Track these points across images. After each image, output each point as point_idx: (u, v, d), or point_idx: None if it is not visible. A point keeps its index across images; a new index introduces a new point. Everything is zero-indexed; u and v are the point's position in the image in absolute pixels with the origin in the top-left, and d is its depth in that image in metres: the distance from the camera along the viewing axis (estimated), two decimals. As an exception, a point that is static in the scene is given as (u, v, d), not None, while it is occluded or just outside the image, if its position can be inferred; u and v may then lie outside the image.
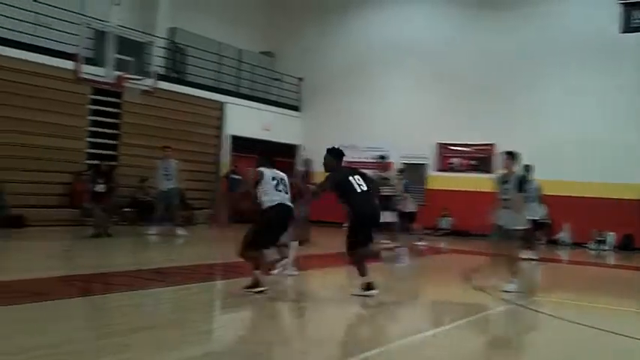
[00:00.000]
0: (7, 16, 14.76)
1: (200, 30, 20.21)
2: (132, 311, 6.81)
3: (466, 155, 20.58)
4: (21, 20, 15.09)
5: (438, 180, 20.80)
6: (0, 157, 14.36)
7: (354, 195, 7.95)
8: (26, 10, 15.24)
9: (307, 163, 14.96)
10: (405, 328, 6.70)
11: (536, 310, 7.84)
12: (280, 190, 7.87)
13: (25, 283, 7.65)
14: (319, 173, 10.68)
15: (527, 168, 12.54)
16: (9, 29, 14.83)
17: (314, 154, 22.54)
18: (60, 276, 8.43)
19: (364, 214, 7.94)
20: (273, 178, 7.88)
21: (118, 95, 16.60)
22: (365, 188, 8.06)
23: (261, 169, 7.96)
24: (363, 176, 8.39)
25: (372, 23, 22.51)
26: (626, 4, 18.56)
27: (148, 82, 15.63)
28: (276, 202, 7.71)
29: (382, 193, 12.61)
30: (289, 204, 7.90)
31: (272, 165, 8.18)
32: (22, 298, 6.74)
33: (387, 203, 12.84)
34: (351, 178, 8.17)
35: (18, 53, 14.82)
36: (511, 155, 9.33)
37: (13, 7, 14.95)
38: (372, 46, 22.13)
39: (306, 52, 23.14)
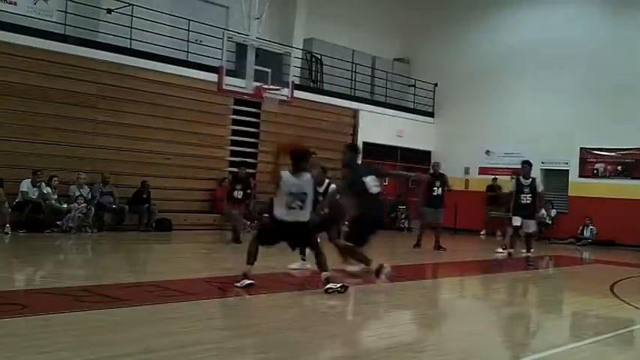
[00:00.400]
0: (157, 33, 15.87)
1: (335, 39, 20.66)
2: (265, 313, 7.11)
3: (611, 160, 19.48)
4: (168, 36, 16.17)
5: (581, 187, 19.82)
6: (150, 165, 15.45)
7: (364, 195, 7.89)
8: (173, 27, 16.31)
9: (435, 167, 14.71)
10: (540, 341, 6.50)
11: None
12: (293, 207, 7.47)
13: (177, 284, 8.20)
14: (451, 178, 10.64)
15: None
16: (158, 45, 15.93)
17: (448, 160, 22.51)
18: (203, 277, 8.94)
19: (369, 215, 7.87)
20: (291, 193, 7.45)
21: (257, 105, 17.31)
22: (378, 190, 8.04)
23: (283, 173, 7.51)
24: (378, 174, 8.43)
25: (508, 25, 21.93)
26: None
27: (285, 92, 16.19)
28: (279, 219, 7.52)
29: (522, 201, 12.25)
30: (299, 221, 7.54)
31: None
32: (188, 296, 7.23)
33: (527, 211, 12.34)
34: (365, 178, 8.23)
35: (166, 67, 15.90)
36: None
37: (164, 24, 16.05)
38: (508, 49, 21.54)
39: (440, 58, 22.93)
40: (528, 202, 12.21)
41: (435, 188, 14.40)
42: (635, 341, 7.00)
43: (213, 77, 15.94)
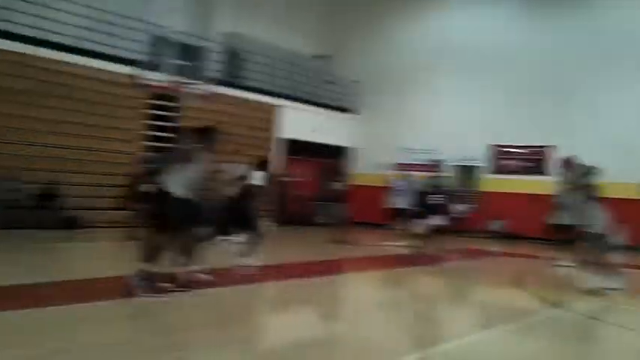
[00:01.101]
0: (68, 23, 15.33)
1: (256, 34, 20.55)
2: (188, 311, 7.03)
3: (520, 157, 20.28)
4: (81, 27, 15.66)
5: (492, 182, 20.55)
6: (59, 159, 14.92)
7: None
8: (86, 17, 15.81)
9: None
10: (450, 331, 6.71)
11: (583, 315, 7.72)
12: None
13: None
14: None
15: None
16: (69, 36, 15.39)
17: (367, 156, 22.84)
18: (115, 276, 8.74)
19: None
20: None
21: (175, 100, 17.03)
22: None
23: None
24: None
25: (427, 25, 22.42)
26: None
27: (205, 87, 15.98)
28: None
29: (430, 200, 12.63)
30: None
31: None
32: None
33: (438, 207, 12.74)
34: None
35: (78, 59, 15.39)
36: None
37: (74, 14, 15.53)
38: (427, 48, 22.04)
39: (361, 55, 23.22)
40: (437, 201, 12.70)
41: (338, 184, 14.72)
42: (538, 329, 7.33)
43: (128, 70, 15.55)
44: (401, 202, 14.66)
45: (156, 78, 14.97)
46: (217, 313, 6.86)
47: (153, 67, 15.39)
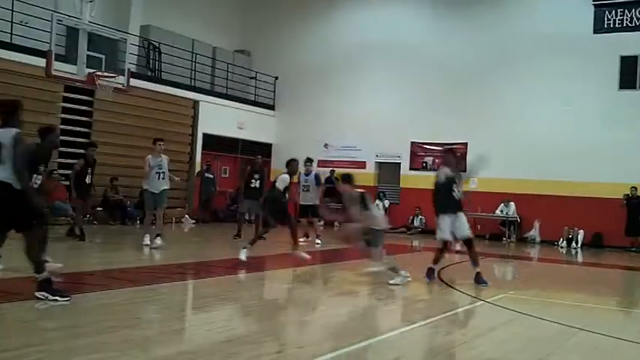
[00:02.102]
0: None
1: (174, 27, 20.15)
2: (101, 311, 6.80)
3: (439, 154, 20.72)
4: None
5: (412, 179, 20.96)
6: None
7: None
8: (-3, 7, 15.08)
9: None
10: (372, 326, 6.77)
11: (504, 307, 7.96)
12: None
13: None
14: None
15: None
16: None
17: (288, 152, 22.75)
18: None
19: None
20: None
21: (90, 93, 16.48)
22: None
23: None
24: None
25: (348, 22, 22.62)
26: (599, 5, 18.91)
27: (121, 80, 15.53)
28: None
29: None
30: None
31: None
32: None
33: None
34: None
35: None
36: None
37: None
38: (347, 45, 22.23)
39: (282, 51, 23.17)
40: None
41: (253, 181, 14.44)
42: (459, 322, 7.51)
43: (41, 62, 14.88)
44: (305, 199, 14.73)
45: (70, 71, 14.41)
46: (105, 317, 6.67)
47: (67, 59, 14.81)
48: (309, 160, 15.12)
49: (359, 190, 9.25)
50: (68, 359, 4.85)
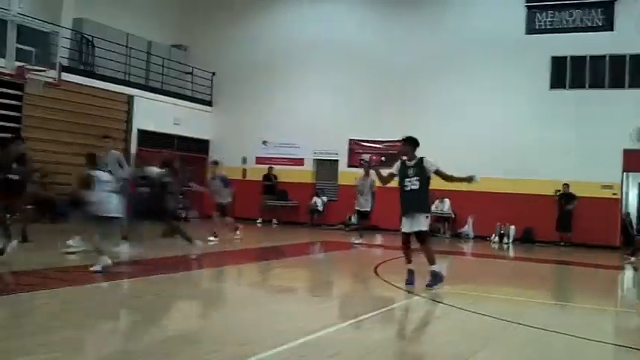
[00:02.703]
0: None
1: (108, 21, 19.66)
2: (43, 311, 6.61)
3: (376, 151, 20.97)
4: None
5: (350, 176, 21.06)
6: None
7: None
8: None
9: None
10: (311, 323, 6.80)
11: (438, 302, 8.13)
12: None
13: None
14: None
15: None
16: None
17: (225, 149, 22.68)
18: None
19: None
20: None
21: (19, 87, 15.94)
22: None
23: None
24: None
25: (286, 19, 22.59)
26: (531, 7, 19.50)
27: (52, 74, 15.09)
28: None
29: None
30: None
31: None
32: None
33: None
34: None
35: None
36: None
37: None
38: (286, 42, 22.22)
39: (219, 47, 22.96)
40: None
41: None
42: (395, 319, 7.63)
43: (-32, 55, 14.34)
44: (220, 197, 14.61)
45: (-2, 64, 13.93)
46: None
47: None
48: (214, 163, 15.79)
49: None
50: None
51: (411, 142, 9.20)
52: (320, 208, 21.30)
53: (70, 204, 17.16)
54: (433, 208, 19.61)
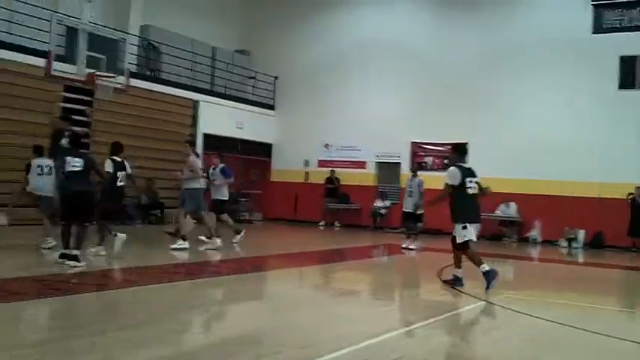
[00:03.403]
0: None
1: (174, 27, 20.11)
2: (102, 311, 6.78)
3: (439, 154, 20.71)
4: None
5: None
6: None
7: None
8: (-3, 7, 15.09)
9: None
10: (373, 327, 6.75)
11: (504, 307, 7.95)
12: None
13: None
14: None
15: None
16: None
17: (288, 152, 22.88)
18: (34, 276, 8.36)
19: None
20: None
21: (90, 93, 16.46)
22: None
23: None
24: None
25: (348, 21, 22.58)
26: (597, 6, 18.88)
27: (121, 80, 15.50)
28: None
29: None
30: None
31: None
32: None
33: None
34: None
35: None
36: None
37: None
38: (348, 45, 22.21)
39: (282, 51, 23.15)
40: None
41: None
42: (459, 323, 7.49)
43: (41, 62, 14.88)
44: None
45: (70, 71, 14.39)
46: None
47: (67, 59, 14.79)
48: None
49: None
50: (66, 359, 4.84)
51: (456, 149, 9.55)
52: (382, 211, 21.17)
53: (137, 206, 17.69)
54: (498, 211, 19.25)
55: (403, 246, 14.96)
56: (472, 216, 9.07)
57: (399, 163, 21.38)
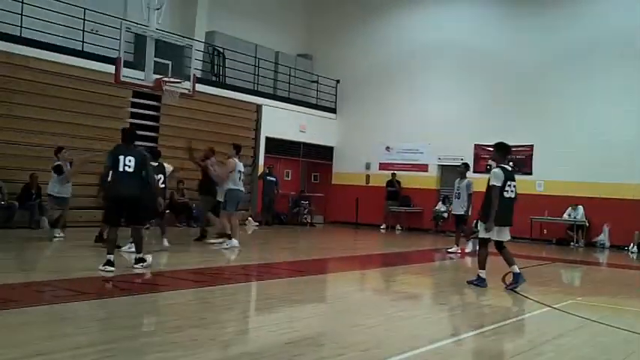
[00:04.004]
0: (53, 22, 15.22)
1: (238, 33, 20.48)
2: (168, 310, 6.96)
3: (503, 157, 20.30)
4: (65, 26, 15.54)
5: (475, 182, 20.51)
6: (42, 159, 14.71)
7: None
8: (70, 16, 15.68)
9: None
10: (435, 331, 6.70)
11: (570, 313, 7.77)
12: None
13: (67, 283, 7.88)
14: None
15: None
16: (53, 35, 15.27)
17: (349, 155, 22.92)
18: (98, 276, 8.65)
19: None
20: None
21: (157, 98, 16.91)
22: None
23: None
24: None
25: (410, 23, 22.47)
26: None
27: (187, 85, 15.85)
28: None
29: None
30: None
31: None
32: (68, 297, 6.95)
33: None
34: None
35: (60, 57, 15.26)
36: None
37: (58, 12, 15.39)
38: (409, 47, 22.11)
39: (344, 54, 23.23)
40: None
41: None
42: (524, 329, 7.36)
43: (110, 68, 15.35)
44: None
45: (138, 77, 14.83)
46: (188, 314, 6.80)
47: (135, 65, 15.25)
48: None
49: None
50: (137, 358, 4.99)
51: (499, 149, 9.52)
52: (445, 214, 20.94)
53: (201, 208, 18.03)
54: (565, 215, 18.79)
55: (467, 250, 14.78)
56: (504, 219, 9.03)
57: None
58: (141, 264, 9.05)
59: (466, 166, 14.93)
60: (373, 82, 22.56)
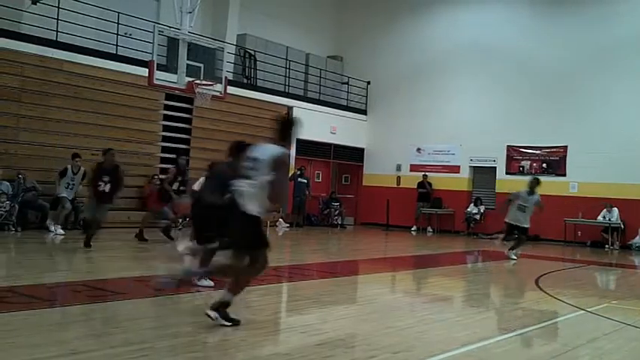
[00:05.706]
0: (87, 26, 15.49)
1: (268, 35, 20.59)
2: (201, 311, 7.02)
3: (536, 158, 20.12)
4: (99, 29, 15.79)
5: (508, 183, 20.37)
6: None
7: None
8: (104, 20, 15.93)
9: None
10: (468, 334, 6.65)
11: (606, 317, 7.64)
12: None
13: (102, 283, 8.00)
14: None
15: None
16: (86, 37, 15.52)
17: (380, 157, 22.87)
18: (133, 276, 8.76)
19: None
20: None
21: (189, 100, 17.08)
22: None
23: None
24: None
25: (441, 24, 22.33)
26: None
27: (219, 88, 15.99)
28: None
29: None
30: None
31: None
32: (102, 297, 7.06)
33: None
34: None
35: (94, 61, 15.52)
36: None
37: (92, 17, 15.66)
38: (440, 48, 21.97)
39: (374, 56, 23.19)
40: None
41: (102, 183, 11.90)
42: (558, 333, 7.26)
43: (143, 71, 15.59)
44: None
45: (171, 79, 15.01)
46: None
47: (168, 68, 15.44)
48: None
49: None
50: (169, 357, 5.05)
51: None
52: (477, 216, 20.78)
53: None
54: (600, 217, 18.49)
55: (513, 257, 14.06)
56: None
57: (495, 167, 20.90)
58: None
59: (537, 181, 13.93)
60: (403, 83, 22.47)
